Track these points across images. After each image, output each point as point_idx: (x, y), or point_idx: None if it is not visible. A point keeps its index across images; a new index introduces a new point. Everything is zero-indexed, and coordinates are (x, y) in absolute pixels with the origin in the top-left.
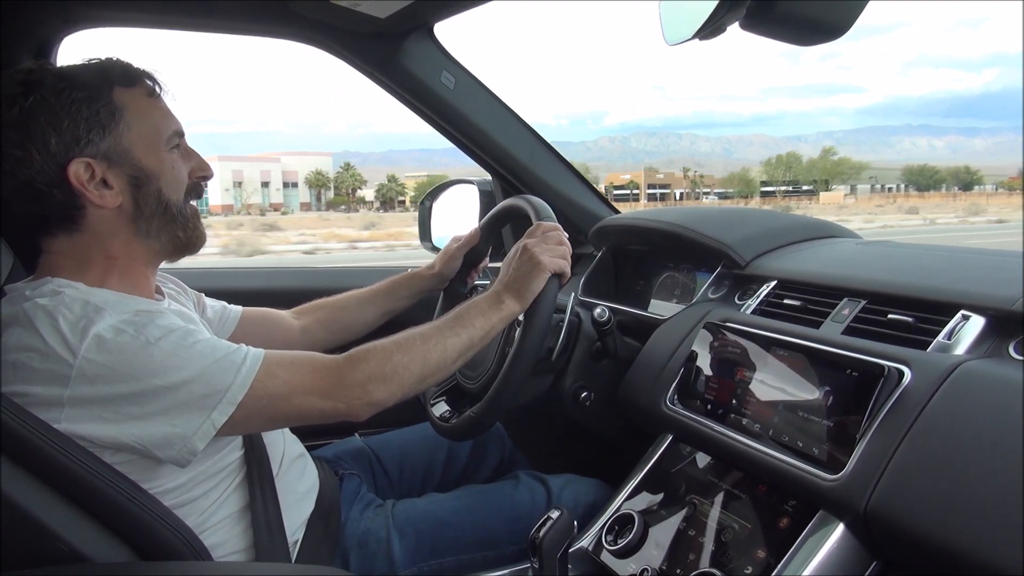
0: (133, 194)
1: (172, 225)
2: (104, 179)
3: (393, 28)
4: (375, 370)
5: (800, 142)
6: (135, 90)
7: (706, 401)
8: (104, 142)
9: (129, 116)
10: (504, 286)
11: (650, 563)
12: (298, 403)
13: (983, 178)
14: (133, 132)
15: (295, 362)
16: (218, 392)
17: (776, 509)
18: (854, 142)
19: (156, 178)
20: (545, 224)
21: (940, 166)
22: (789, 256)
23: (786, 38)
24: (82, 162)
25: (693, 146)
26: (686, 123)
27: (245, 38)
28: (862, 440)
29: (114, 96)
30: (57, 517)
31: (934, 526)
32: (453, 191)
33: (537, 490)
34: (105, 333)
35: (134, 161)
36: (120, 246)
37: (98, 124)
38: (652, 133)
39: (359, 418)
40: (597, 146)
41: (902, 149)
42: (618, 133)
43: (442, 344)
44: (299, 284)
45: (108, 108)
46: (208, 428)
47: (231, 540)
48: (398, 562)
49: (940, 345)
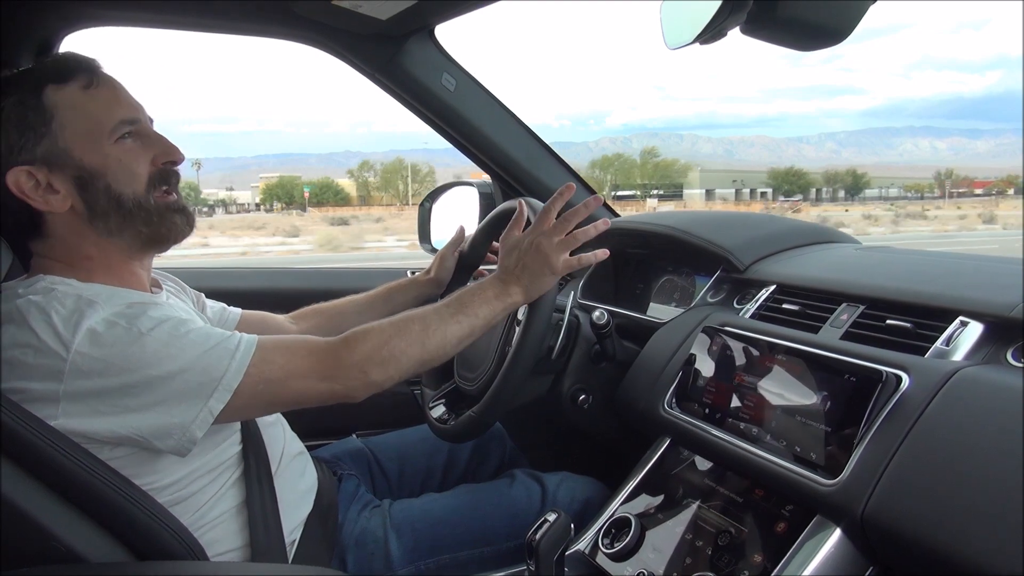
0: (81, 195)
1: (131, 220)
2: (50, 183)
3: (394, 29)
4: (373, 352)
5: (802, 143)
6: (69, 86)
7: (704, 405)
8: (40, 147)
9: (62, 115)
10: (513, 277)
11: (647, 567)
12: (295, 386)
13: (871, 181)
14: (68, 131)
15: (291, 346)
16: (213, 380)
17: (773, 513)
18: (856, 144)
19: (101, 175)
20: (550, 213)
21: (811, 169)
22: (788, 261)
23: (788, 43)
24: (22, 171)
25: (695, 147)
26: (688, 124)
27: (247, 39)
28: (859, 445)
29: (44, 96)
30: (53, 516)
31: (931, 531)
32: (453, 193)
33: (532, 487)
34: (98, 327)
35: (75, 161)
36: (91, 247)
37: (29, 128)
38: (654, 134)
39: (357, 399)
40: (599, 147)
41: (904, 151)
42: (620, 134)
43: (442, 330)
44: (298, 285)
45: (37, 111)
46: (206, 416)
47: (227, 538)
48: (395, 561)
49: (938, 351)
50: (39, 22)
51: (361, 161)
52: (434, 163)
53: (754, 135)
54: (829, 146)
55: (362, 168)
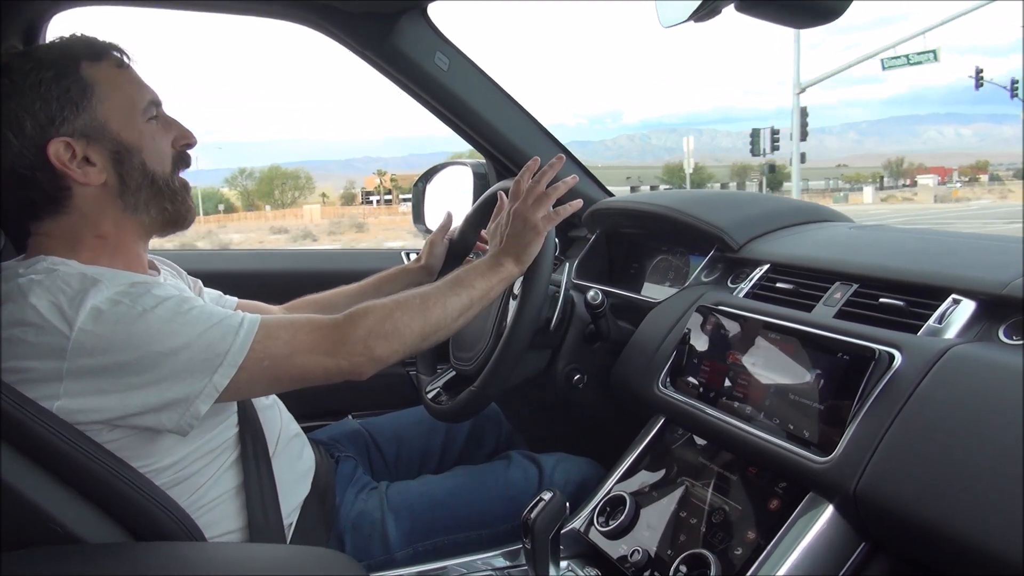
0: (117, 169)
1: (160, 198)
2: (86, 156)
3: (386, 7)
4: (375, 326)
5: (823, 134)
6: (103, 63)
7: (698, 384)
8: (79, 119)
9: (100, 90)
10: (501, 251)
11: (641, 544)
12: (300, 362)
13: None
14: (106, 106)
15: (294, 323)
16: (218, 355)
17: (767, 491)
18: (878, 133)
19: (138, 151)
20: (521, 183)
21: (711, 165)
22: (782, 240)
23: (781, 20)
24: (61, 142)
25: (714, 142)
26: (707, 119)
27: (249, 37)
28: (852, 423)
29: (82, 71)
30: (50, 498)
31: (922, 508)
32: (447, 173)
33: (529, 469)
34: (102, 305)
35: (112, 135)
36: (109, 224)
37: (70, 102)
38: (672, 130)
39: (363, 375)
40: (616, 144)
41: (928, 139)
42: (638, 131)
43: (442, 303)
44: (290, 266)
45: (78, 84)
46: (210, 391)
47: (225, 519)
48: (393, 543)
49: (931, 329)
50: (26, 2)
51: (239, 169)
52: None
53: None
54: (851, 136)
55: (241, 175)
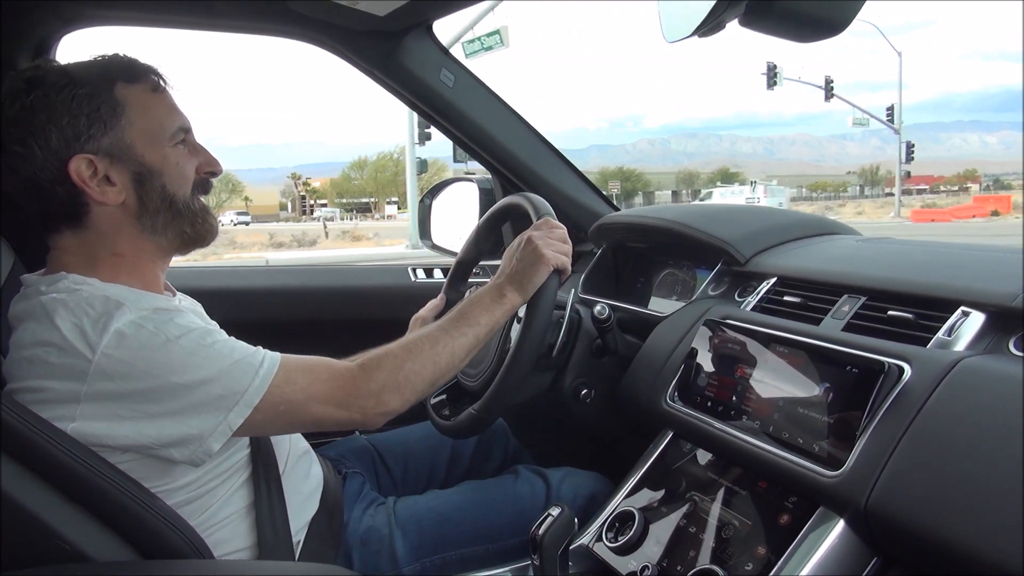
0: (136, 190)
1: (179, 220)
2: (107, 176)
3: (392, 25)
4: (388, 379)
5: (846, 140)
6: (138, 86)
7: (706, 398)
8: (106, 138)
9: (131, 112)
10: (506, 278)
11: (650, 560)
12: (314, 411)
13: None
14: (135, 128)
15: (313, 369)
16: (235, 394)
17: (776, 506)
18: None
19: (160, 174)
20: (551, 221)
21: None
22: (789, 253)
23: (786, 34)
24: (84, 158)
25: (734, 147)
26: (727, 124)
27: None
28: (862, 437)
29: (116, 92)
30: (59, 516)
31: (934, 522)
32: (453, 189)
33: (536, 483)
34: (125, 328)
35: (137, 157)
36: (126, 243)
37: (99, 120)
38: (692, 134)
39: (373, 427)
40: (636, 149)
41: (952, 146)
42: (658, 135)
43: (450, 346)
44: (299, 283)
45: (109, 104)
46: (224, 429)
47: (235, 538)
48: (401, 559)
49: (940, 342)
50: (37, 22)
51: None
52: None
53: (795, 133)
54: (873, 142)
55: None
